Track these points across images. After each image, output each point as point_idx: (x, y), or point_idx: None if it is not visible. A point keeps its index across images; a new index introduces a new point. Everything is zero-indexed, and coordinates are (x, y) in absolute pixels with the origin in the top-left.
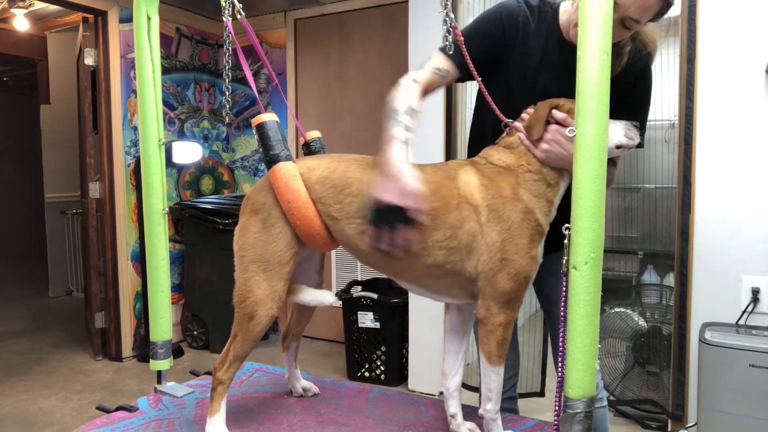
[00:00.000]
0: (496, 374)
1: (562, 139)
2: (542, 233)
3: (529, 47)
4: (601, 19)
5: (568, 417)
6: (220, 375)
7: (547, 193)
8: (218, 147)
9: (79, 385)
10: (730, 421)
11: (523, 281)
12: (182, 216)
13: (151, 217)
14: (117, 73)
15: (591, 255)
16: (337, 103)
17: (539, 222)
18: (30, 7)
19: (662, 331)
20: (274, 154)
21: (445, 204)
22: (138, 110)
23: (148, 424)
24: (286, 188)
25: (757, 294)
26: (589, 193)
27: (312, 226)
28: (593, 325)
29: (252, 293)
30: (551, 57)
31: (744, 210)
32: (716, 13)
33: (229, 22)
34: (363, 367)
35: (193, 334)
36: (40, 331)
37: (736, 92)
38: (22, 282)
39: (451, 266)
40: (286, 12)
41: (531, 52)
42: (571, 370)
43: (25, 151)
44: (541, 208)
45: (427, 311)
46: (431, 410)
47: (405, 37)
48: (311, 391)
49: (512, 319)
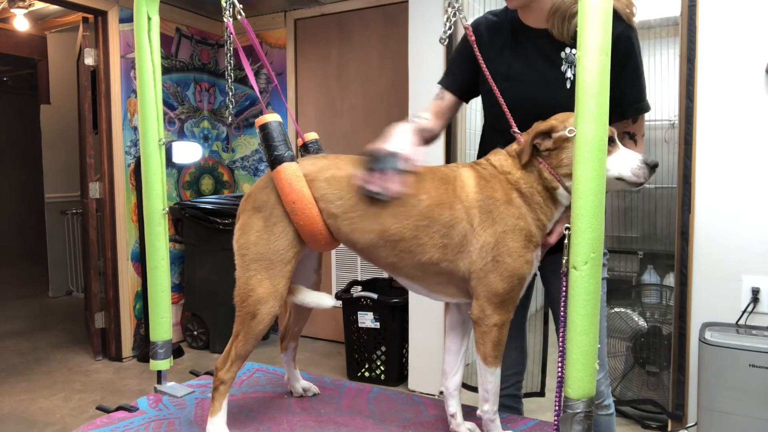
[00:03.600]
0: (492, 375)
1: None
2: (536, 243)
3: (498, 44)
4: (600, 19)
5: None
6: (222, 374)
7: (538, 209)
8: (218, 147)
9: (79, 385)
10: (730, 421)
11: (517, 283)
12: (182, 216)
13: (151, 217)
14: (117, 73)
15: (591, 255)
16: (336, 103)
17: (531, 231)
18: (30, 7)
19: (662, 331)
20: (279, 154)
21: (440, 202)
22: (138, 110)
23: (148, 424)
24: (291, 188)
25: (757, 294)
26: (589, 193)
27: (315, 225)
28: (593, 325)
29: (254, 292)
30: (519, 44)
31: (744, 210)
32: (716, 13)
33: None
34: (363, 367)
35: (193, 334)
36: (40, 331)
37: (736, 92)
38: (22, 282)
39: (445, 264)
40: (286, 12)
41: (501, 47)
42: (571, 370)
43: (25, 151)
44: (533, 219)
45: (427, 311)
46: (431, 410)
47: (405, 37)
48: (311, 391)
49: (507, 320)
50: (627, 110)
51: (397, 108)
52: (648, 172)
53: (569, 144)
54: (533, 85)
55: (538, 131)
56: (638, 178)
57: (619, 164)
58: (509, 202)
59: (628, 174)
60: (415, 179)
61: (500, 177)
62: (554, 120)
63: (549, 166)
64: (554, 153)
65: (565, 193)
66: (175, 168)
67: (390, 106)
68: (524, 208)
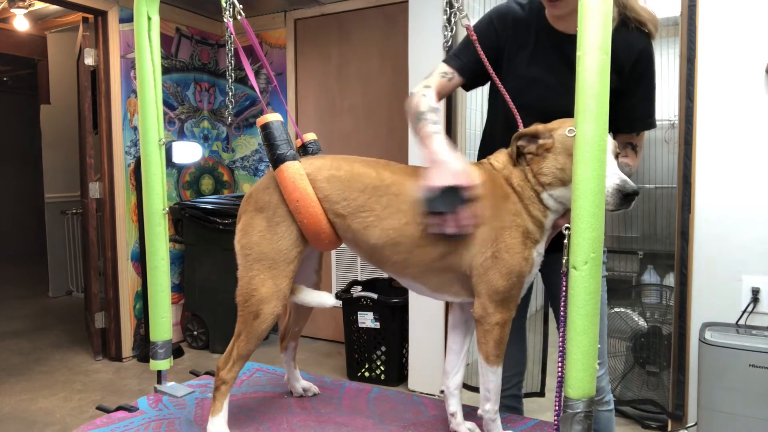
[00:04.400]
0: (494, 374)
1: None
2: (534, 240)
3: (522, 41)
4: (601, 19)
5: (567, 417)
6: (224, 374)
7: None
8: (218, 147)
9: (79, 385)
10: (730, 421)
11: (516, 280)
12: (182, 216)
13: (151, 217)
14: (117, 73)
15: (591, 255)
16: (336, 103)
17: (528, 228)
18: (30, 7)
19: (662, 331)
20: (281, 153)
21: None
22: (138, 110)
23: (148, 424)
24: (294, 187)
25: (757, 294)
26: (589, 193)
27: (319, 224)
28: (593, 325)
29: (257, 291)
30: (544, 46)
31: (744, 210)
32: (716, 13)
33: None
34: (363, 367)
35: (193, 334)
36: (40, 331)
37: (736, 92)
38: (22, 282)
39: (451, 259)
40: (286, 12)
41: (524, 45)
42: (571, 370)
43: (25, 151)
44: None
45: (427, 311)
46: (431, 410)
47: (405, 37)
48: (311, 391)
49: (508, 318)
50: (636, 125)
51: (397, 108)
52: (619, 201)
53: (550, 154)
54: (553, 89)
55: (522, 133)
56: (606, 205)
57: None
58: (506, 197)
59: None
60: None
61: (498, 174)
62: (542, 126)
63: (532, 171)
64: (536, 159)
65: (549, 198)
66: (175, 168)
67: (390, 106)
68: (519, 204)
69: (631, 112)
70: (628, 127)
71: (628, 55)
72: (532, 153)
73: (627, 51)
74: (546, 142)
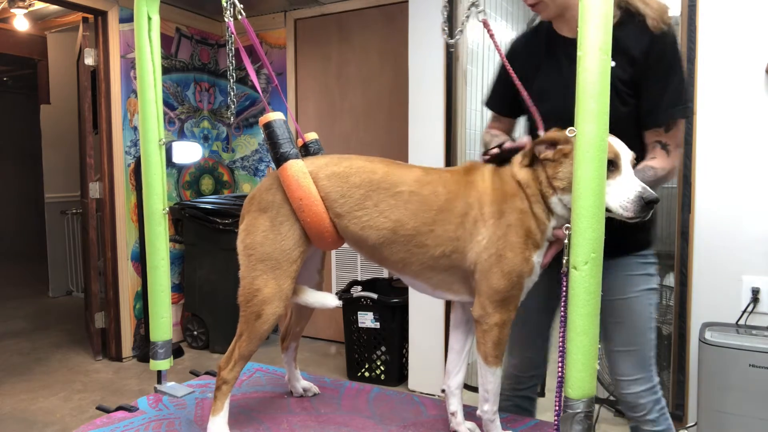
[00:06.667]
0: (493, 375)
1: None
2: (535, 242)
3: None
4: (601, 19)
5: (568, 417)
6: (225, 374)
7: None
8: (218, 147)
9: (79, 385)
10: (730, 421)
11: (516, 281)
12: (182, 216)
13: (151, 217)
14: (117, 73)
15: (591, 255)
16: (336, 103)
17: (531, 229)
18: (30, 7)
19: (662, 331)
20: (284, 152)
21: (456, 195)
22: (138, 110)
23: (148, 424)
24: (297, 186)
25: (757, 294)
26: (589, 193)
27: (322, 223)
28: (593, 325)
29: (260, 292)
30: (554, 55)
31: (744, 210)
32: (716, 13)
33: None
34: (363, 367)
35: (193, 334)
36: (40, 331)
37: (736, 92)
38: (22, 282)
39: (455, 257)
40: (286, 12)
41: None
42: (571, 370)
43: (25, 151)
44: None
45: (428, 311)
46: (431, 410)
47: (405, 37)
48: (311, 391)
49: (508, 319)
50: (660, 117)
51: (397, 108)
52: (640, 208)
53: (567, 160)
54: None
55: (541, 140)
56: (626, 212)
57: (610, 193)
58: (515, 195)
59: (615, 206)
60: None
61: (506, 171)
62: (559, 133)
63: (546, 175)
64: (553, 164)
65: (559, 203)
66: (175, 168)
67: (390, 106)
68: (526, 203)
69: (653, 103)
70: (652, 120)
71: (639, 45)
72: (548, 159)
73: (636, 41)
74: (564, 147)
